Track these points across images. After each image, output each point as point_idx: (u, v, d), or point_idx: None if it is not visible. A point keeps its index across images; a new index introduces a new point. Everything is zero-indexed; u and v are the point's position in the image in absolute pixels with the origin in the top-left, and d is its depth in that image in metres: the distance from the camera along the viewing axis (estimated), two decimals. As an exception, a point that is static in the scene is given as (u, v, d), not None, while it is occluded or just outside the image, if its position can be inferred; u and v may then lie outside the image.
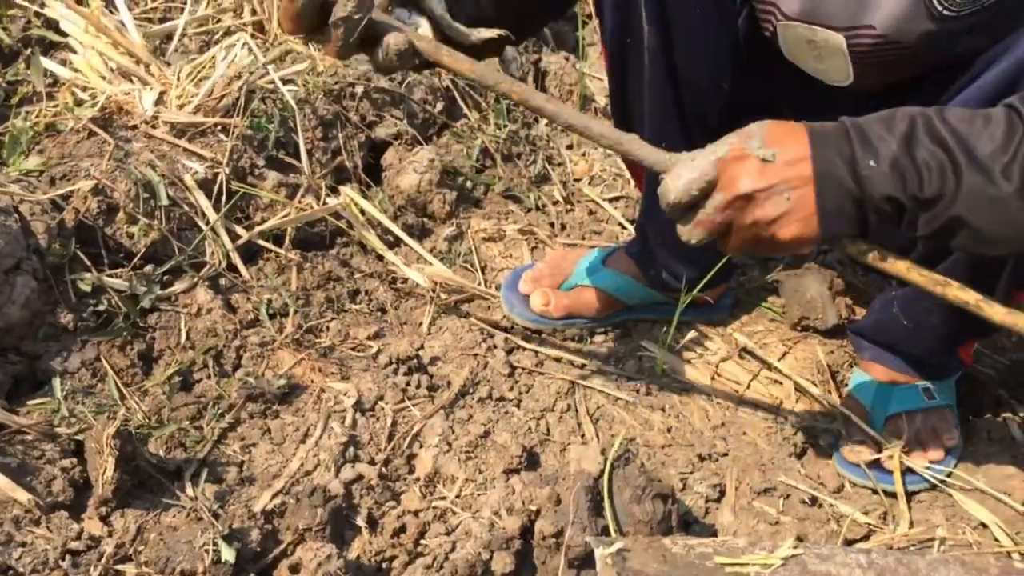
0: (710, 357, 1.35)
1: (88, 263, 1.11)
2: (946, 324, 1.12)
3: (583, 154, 1.82)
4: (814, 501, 1.13)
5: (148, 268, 1.16)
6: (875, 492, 1.15)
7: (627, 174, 1.77)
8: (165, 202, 1.18)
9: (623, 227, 1.62)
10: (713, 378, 1.31)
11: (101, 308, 1.10)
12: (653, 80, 1.11)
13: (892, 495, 1.14)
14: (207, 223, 1.22)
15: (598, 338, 1.35)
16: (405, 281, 1.37)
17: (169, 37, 1.55)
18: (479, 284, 1.39)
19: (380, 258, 1.39)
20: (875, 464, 1.16)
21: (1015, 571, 0.91)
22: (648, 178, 1.23)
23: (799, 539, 0.92)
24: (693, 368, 1.32)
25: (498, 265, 1.45)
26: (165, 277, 1.18)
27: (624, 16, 1.08)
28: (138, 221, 1.16)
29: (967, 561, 0.89)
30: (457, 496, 1.06)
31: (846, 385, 1.32)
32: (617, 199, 1.70)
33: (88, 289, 1.09)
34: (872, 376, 1.24)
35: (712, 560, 0.87)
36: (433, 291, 1.35)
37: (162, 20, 1.63)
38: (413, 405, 1.16)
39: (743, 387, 1.31)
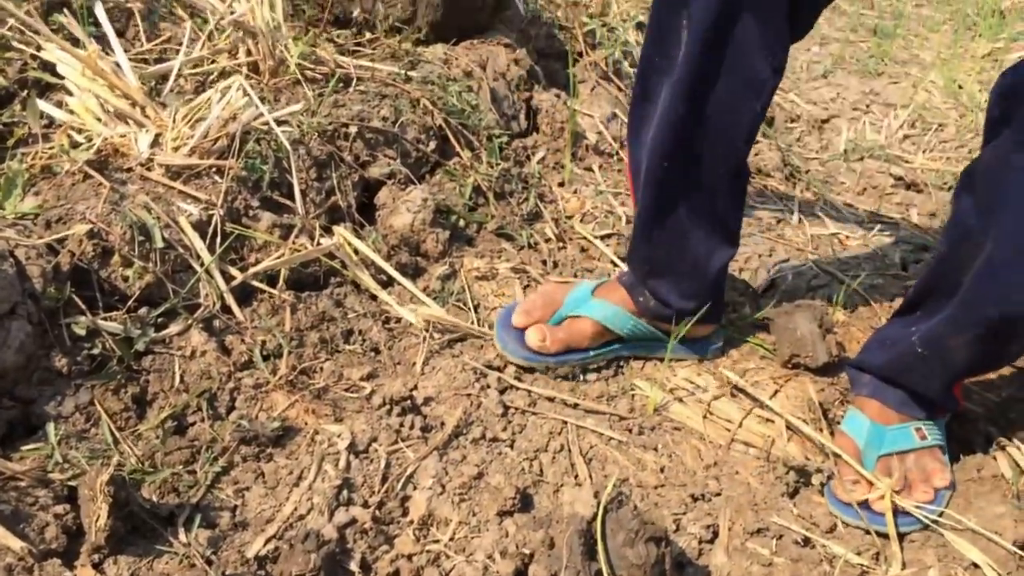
0: (702, 395, 1.36)
1: (83, 306, 1.12)
2: (967, 360, 1.15)
3: (575, 191, 1.84)
4: (807, 542, 1.14)
5: (143, 311, 1.16)
6: (868, 532, 1.15)
7: (619, 211, 1.80)
8: (160, 244, 1.19)
9: (615, 264, 1.63)
10: (705, 416, 1.32)
11: (95, 352, 1.10)
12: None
13: (884, 536, 1.15)
14: (201, 265, 1.23)
15: (591, 376, 1.36)
16: (399, 321, 1.38)
17: (165, 78, 1.57)
18: (472, 323, 1.40)
19: (374, 298, 1.40)
20: (867, 504, 1.17)
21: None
22: (643, 194, 1.25)
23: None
24: (685, 407, 1.33)
25: (491, 304, 1.46)
26: (159, 319, 1.18)
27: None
28: (133, 264, 1.16)
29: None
30: (451, 539, 1.06)
31: (837, 423, 1.33)
32: (609, 236, 1.71)
33: (83, 333, 1.09)
34: (866, 414, 1.25)
35: None
36: (426, 331, 1.35)
37: (158, 60, 1.64)
38: (407, 446, 1.16)
39: (735, 425, 1.31)
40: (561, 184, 1.87)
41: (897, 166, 2.17)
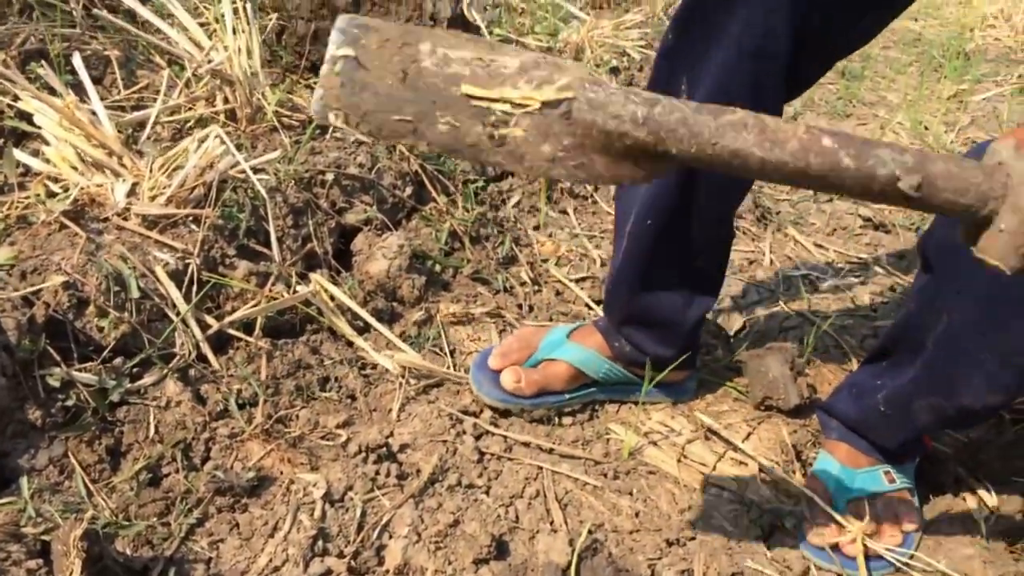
0: (676, 439, 1.37)
1: (57, 358, 1.12)
2: (932, 423, 1.16)
3: (550, 235, 1.86)
4: (780, 585, 1.15)
5: (117, 361, 1.16)
6: None
7: (593, 254, 1.82)
8: (136, 295, 1.19)
9: (589, 307, 1.65)
10: (680, 460, 1.33)
11: (70, 403, 1.10)
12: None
13: (856, 578, 1.16)
14: (177, 314, 1.23)
15: (566, 420, 1.37)
16: (375, 367, 1.39)
17: (142, 125, 1.58)
18: (448, 368, 1.41)
19: (350, 344, 1.41)
20: (838, 547, 1.18)
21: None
22: (625, 247, 1.26)
23: None
24: (659, 450, 1.34)
25: (467, 348, 1.47)
26: (134, 370, 1.18)
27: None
28: (108, 314, 1.17)
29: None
30: (426, 589, 1.06)
31: (810, 464, 1.34)
32: (584, 279, 1.74)
33: (57, 384, 1.09)
34: (835, 457, 1.27)
35: (459, 86, 0.70)
36: (402, 377, 1.36)
37: (135, 108, 1.66)
38: (383, 495, 1.16)
39: (709, 469, 1.33)
40: (536, 228, 1.89)
41: (866, 207, 2.21)
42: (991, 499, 1.29)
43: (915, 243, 2.08)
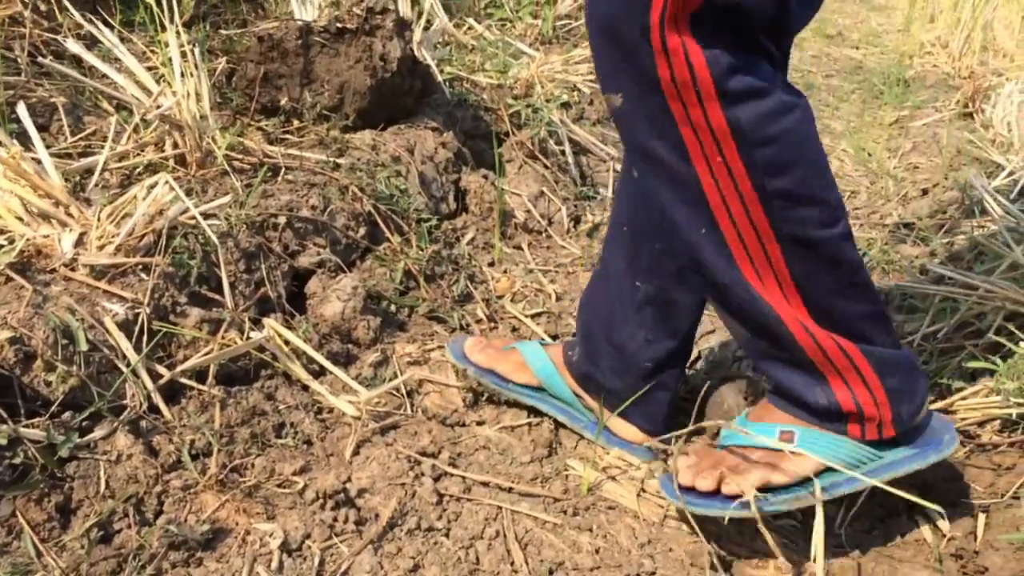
0: (634, 472, 1.38)
1: (3, 414, 1.09)
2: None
3: (504, 271, 1.87)
4: (740, 617, 1.15)
5: (66, 416, 1.14)
6: (798, 604, 1.18)
7: (548, 289, 1.83)
8: (84, 347, 1.18)
9: (545, 343, 1.65)
10: (639, 494, 1.34)
11: (17, 461, 1.07)
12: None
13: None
14: (128, 365, 1.22)
15: (524, 458, 1.37)
16: (331, 411, 1.38)
17: (90, 172, 1.57)
18: (405, 409, 1.41)
19: (305, 388, 1.40)
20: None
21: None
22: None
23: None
24: (619, 485, 1.35)
25: (424, 389, 1.47)
26: (84, 424, 1.16)
27: None
28: (56, 368, 1.15)
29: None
30: (387, 637, 1.05)
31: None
32: (539, 315, 1.75)
33: (4, 442, 1.07)
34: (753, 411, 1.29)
35: None
36: (359, 419, 1.36)
37: (82, 155, 1.64)
38: (341, 541, 1.15)
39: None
40: (491, 264, 1.90)
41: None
42: (943, 522, 1.31)
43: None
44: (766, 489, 1.19)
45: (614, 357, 1.34)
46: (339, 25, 1.95)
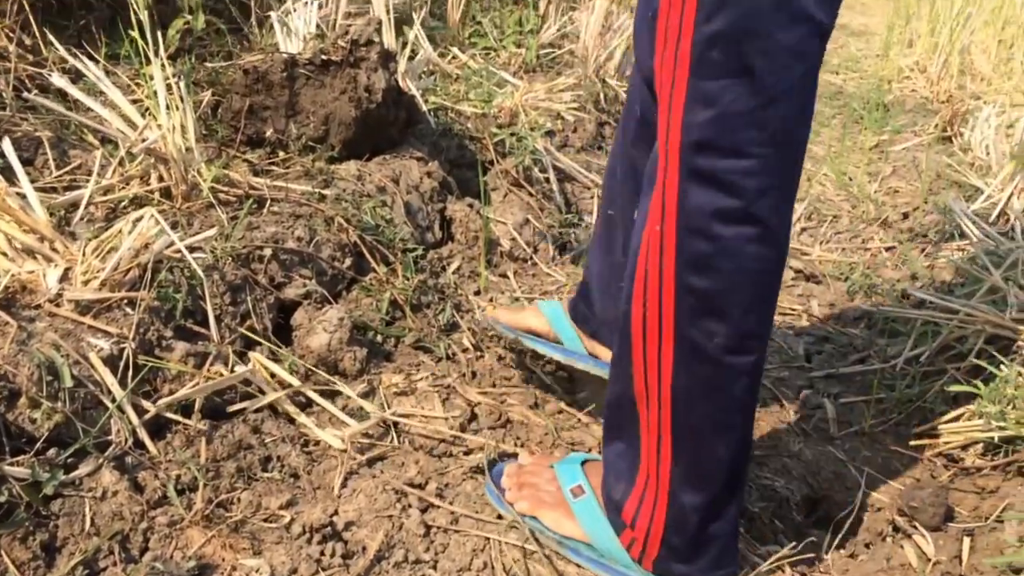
0: (622, 501, 1.38)
1: (-13, 452, 1.09)
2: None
3: (491, 299, 1.88)
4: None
5: (51, 452, 1.14)
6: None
7: (534, 317, 1.83)
8: (69, 383, 1.17)
9: (531, 371, 1.66)
10: (625, 523, 1.34)
11: (2, 499, 1.07)
12: None
13: None
14: (113, 401, 1.21)
15: (512, 488, 1.37)
16: (318, 443, 1.38)
17: (75, 206, 1.57)
18: (392, 440, 1.41)
19: (292, 421, 1.40)
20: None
21: None
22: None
23: None
24: (606, 514, 1.35)
25: (410, 420, 1.47)
26: (69, 460, 1.16)
27: None
28: (41, 405, 1.14)
29: None
30: (375, 672, 1.04)
31: (753, 520, 1.36)
32: (525, 343, 1.75)
33: (-13, 480, 1.07)
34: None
35: None
36: (345, 451, 1.35)
37: (68, 188, 1.65)
38: (328, 576, 1.15)
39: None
40: (477, 292, 1.91)
41: (796, 259, 2.28)
42: (928, 546, 1.32)
43: (845, 292, 2.15)
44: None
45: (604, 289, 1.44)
46: (324, 57, 1.96)
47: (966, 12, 4.28)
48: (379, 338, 1.63)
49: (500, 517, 1.30)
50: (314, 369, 1.48)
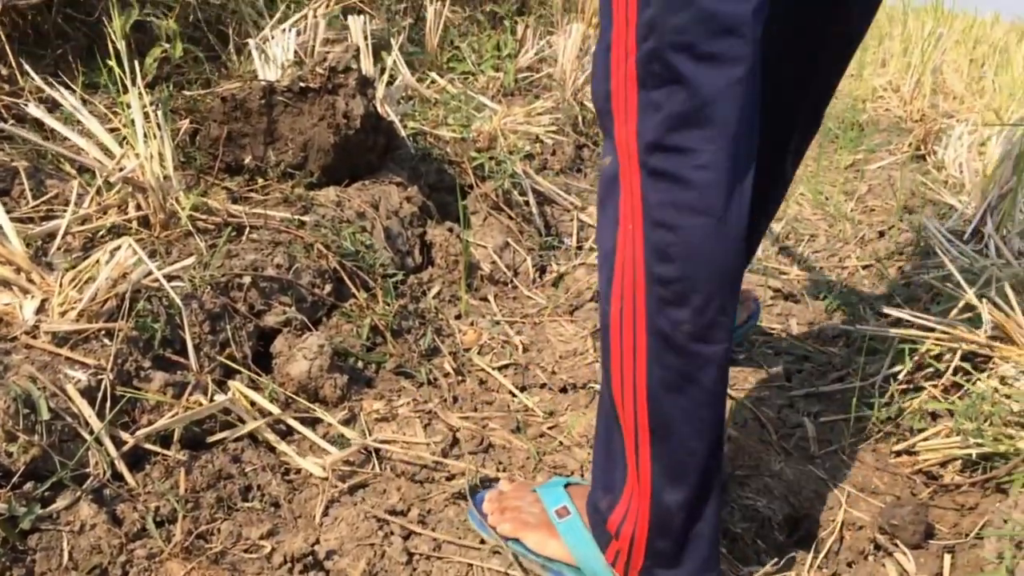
0: (604, 524, 1.38)
1: (-37, 488, 1.08)
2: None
3: (471, 323, 1.88)
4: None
5: (28, 486, 1.13)
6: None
7: (515, 340, 1.84)
8: (46, 416, 1.16)
9: (513, 395, 1.66)
10: (608, 546, 1.34)
11: (-24, 535, 1.06)
12: None
13: None
14: (90, 433, 1.21)
15: (495, 513, 1.37)
16: (299, 472, 1.37)
17: (52, 236, 1.56)
18: (373, 467, 1.40)
19: (272, 449, 1.39)
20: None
21: None
22: None
23: None
24: (588, 538, 1.35)
25: (392, 446, 1.47)
26: (46, 494, 1.14)
27: None
28: (17, 439, 1.13)
29: None
30: None
31: (735, 540, 1.37)
32: (506, 367, 1.75)
33: (-38, 516, 1.05)
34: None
35: None
36: (327, 479, 1.35)
37: (44, 219, 1.64)
38: (310, 606, 1.14)
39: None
40: (458, 317, 1.91)
41: (775, 278, 2.30)
42: (909, 564, 1.33)
43: (823, 311, 2.16)
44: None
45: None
46: (302, 84, 1.97)
47: (937, 32, 4.36)
48: (360, 364, 1.63)
49: (483, 542, 1.30)
50: (294, 397, 1.48)
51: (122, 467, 1.23)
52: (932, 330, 1.69)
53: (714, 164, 1.00)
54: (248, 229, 1.72)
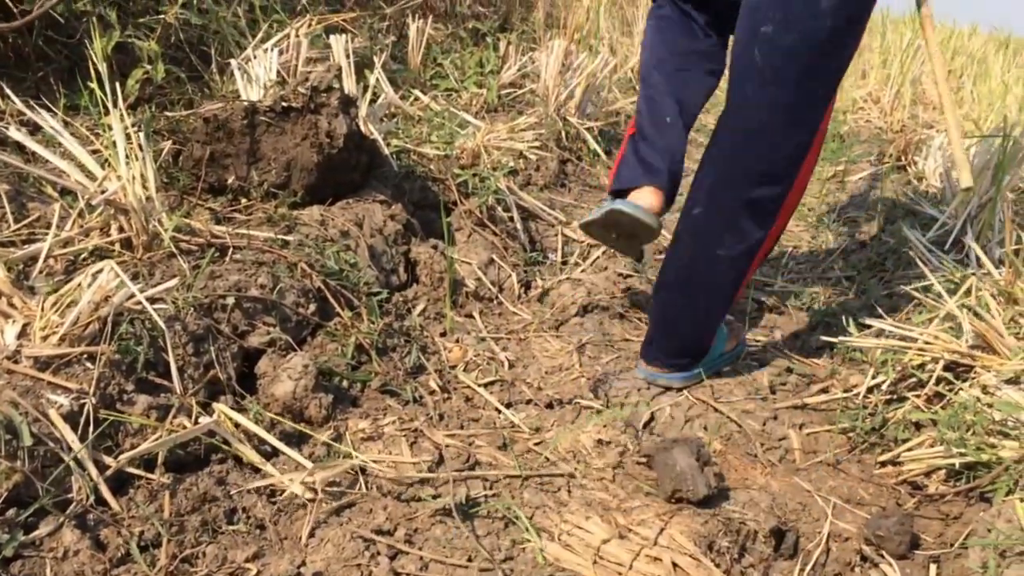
0: (591, 540, 1.38)
1: (-56, 516, 1.07)
2: None
3: (456, 340, 1.88)
4: None
5: (11, 513, 1.12)
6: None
7: (500, 356, 1.84)
8: (28, 442, 1.16)
9: (499, 411, 1.66)
10: (595, 562, 1.34)
11: (-42, 563, 1.05)
12: None
13: None
14: (73, 458, 1.20)
15: (481, 531, 1.37)
16: (284, 493, 1.36)
17: (34, 259, 1.55)
18: (359, 487, 1.40)
19: (258, 471, 1.39)
20: None
21: None
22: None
23: None
24: (574, 553, 1.35)
25: (378, 465, 1.46)
26: (29, 520, 1.14)
27: None
28: (0, 465, 1.13)
29: None
30: None
31: (722, 553, 1.37)
32: (492, 383, 1.75)
33: (-57, 544, 1.04)
34: None
35: None
36: (313, 501, 1.34)
37: (26, 242, 1.63)
38: (296, 629, 1.13)
39: (626, 568, 1.33)
40: (443, 334, 1.91)
41: (759, 290, 2.31)
42: (896, 574, 1.33)
43: (807, 322, 2.17)
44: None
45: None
46: (285, 104, 1.98)
47: (915, 44, 4.40)
48: (345, 383, 1.62)
49: (471, 560, 1.29)
50: (279, 417, 1.47)
51: (105, 492, 1.22)
52: (914, 340, 1.71)
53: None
54: (231, 249, 1.72)
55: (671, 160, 1.77)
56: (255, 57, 2.42)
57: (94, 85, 1.81)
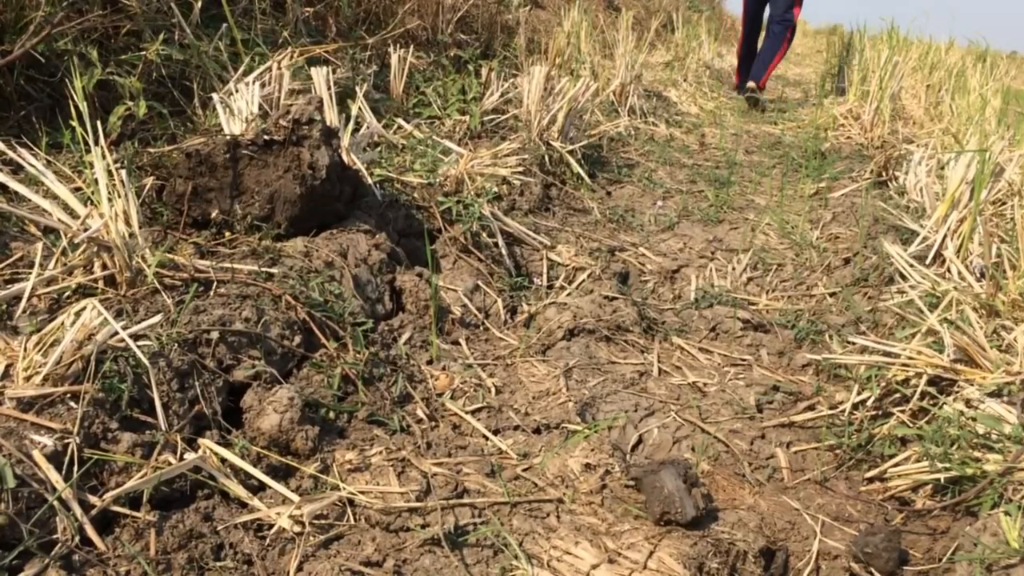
0: (581, 565, 1.38)
1: (-73, 561, 1.06)
2: None
3: (443, 368, 1.88)
4: None
5: (-6, 556, 1.11)
6: None
7: (488, 383, 1.85)
8: (12, 484, 1.15)
9: (487, 438, 1.66)
10: (586, 588, 1.34)
11: (-59, 609, 1.04)
12: None
13: None
14: (58, 498, 1.19)
15: (470, 559, 1.36)
16: (271, 527, 1.36)
17: (17, 299, 1.55)
18: (347, 519, 1.39)
19: (244, 505, 1.38)
20: None
21: None
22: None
23: None
24: (565, 580, 1.35)
25: (365, 496, 1.46)
26: (14, 563, 1.13)
27: None
28: (-18, 508, 1.12)
29: None
30: None
31: (712, 575, 1.37)
32: (479, 410, 1.76)
33: (-74, 590, 1.04)
34: None
35: None
36: (300, 534, 1.34)
37: (9, 281, 1.63)
38: (285, 665, 1.13)
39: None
40: (429, 362, 1.91)
41: (744, 309, 2.32)
42: (884, 591, 1.34)
43: (792, 340, 2.19)
44: None
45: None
46: (267, 137, 1.99)
47: (893, 60, 4.46)
48: (331, 415, 1.62)
49: (459, 591, 1.29)
50: (266, 451, 1.47)
51: (91, 531, 1.21)
52: (897, 356, 1.72)
53: None
54: (215, 284, 1.72)
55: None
56: (237, 91, 2.44)
57: (75, 123, 1.81)
